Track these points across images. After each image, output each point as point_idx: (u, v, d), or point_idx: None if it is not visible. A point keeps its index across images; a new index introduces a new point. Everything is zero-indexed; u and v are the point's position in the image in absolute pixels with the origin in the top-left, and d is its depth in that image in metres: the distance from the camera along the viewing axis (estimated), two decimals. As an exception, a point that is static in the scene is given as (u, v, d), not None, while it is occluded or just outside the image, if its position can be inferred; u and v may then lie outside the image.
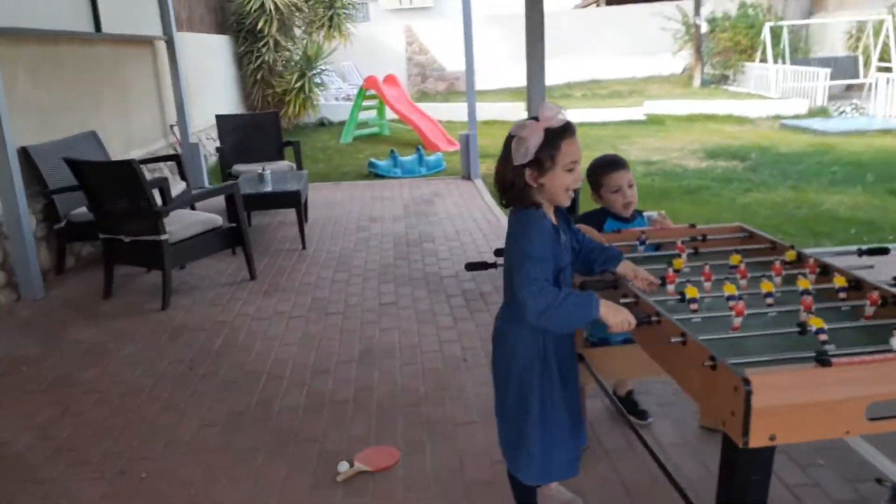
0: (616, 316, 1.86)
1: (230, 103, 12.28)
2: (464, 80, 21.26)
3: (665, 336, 1.79)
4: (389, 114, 12.71)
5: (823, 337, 1.68)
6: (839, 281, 2.05)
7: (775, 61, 16.77)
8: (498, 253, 2.46)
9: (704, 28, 18.56)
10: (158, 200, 5.04)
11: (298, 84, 12.60)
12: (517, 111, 14.88)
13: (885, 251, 2.33)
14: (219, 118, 7.86)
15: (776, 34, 17.19)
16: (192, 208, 5.50)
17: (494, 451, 2.84)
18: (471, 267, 2.49)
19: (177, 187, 6.25)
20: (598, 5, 21.58)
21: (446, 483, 2.69)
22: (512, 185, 1.97)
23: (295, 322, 4.38)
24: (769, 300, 2.01)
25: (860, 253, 2.36)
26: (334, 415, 3.23)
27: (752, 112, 14.25)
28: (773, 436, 1.46)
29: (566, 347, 2.15)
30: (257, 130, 7.74)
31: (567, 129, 1.94)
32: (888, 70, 14.65)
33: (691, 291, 2.01)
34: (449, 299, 4.64)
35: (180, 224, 4.86)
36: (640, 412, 3.05)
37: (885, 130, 11.19)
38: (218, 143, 7.87)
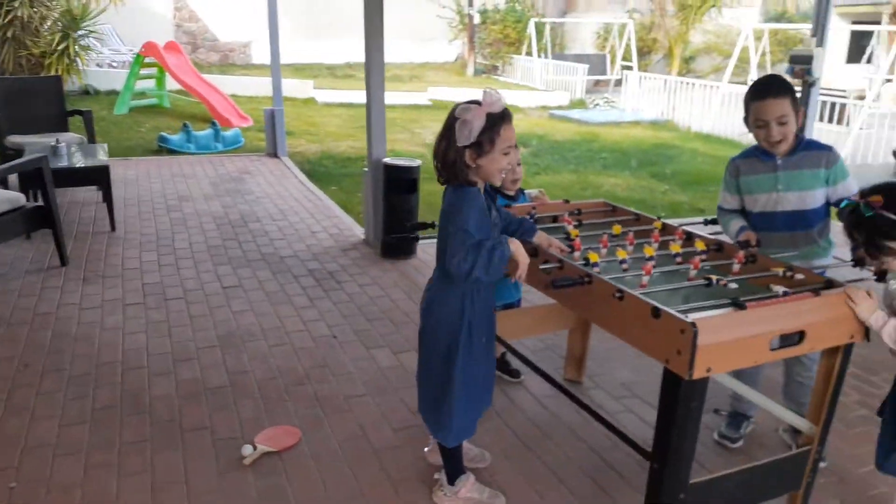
0: (517, 253, 2.12)
1: (-30, 64, 10.50)
2: (240, 52, 20.40)
3: (599, 294, 2.07)
4: (171, 84, 11.81)
5: (727, 283, 2.07)
6: (700, 245, 2.49)
7: (539, 55, 18.43)
8: (414, 227, 2.59)
9: (477, 19, 19.74)
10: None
11: (61, 46, 11.15)
12: (305, 88, 14.68)
13: (723, 220, 2.86)
14: (-19, 81, 6.77)
15: (539, 30, 18.87)
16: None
17: (393, 418, 3.00)
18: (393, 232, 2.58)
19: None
20: (375, -12, 21.80)
21: (354, 453, 2.77)
22: (453, 164, 2.10)
23: (133, 310, 4.05)
24: (651, 262, 2.39)
25: (706, 222, 2.88)
26: (216, 401, 3.11)
27: (523, 102, 15.54)
28: (710, 368, 1.80)
29: (489, 315, 2.34)
30: (33, 97, 6.78)
31: (506, 115, 2.11)
32: (630, 69, 16.89)
33: (593, 256, 2.32)
34: (298, 279, 4.60)
35: (-27, 203, 4.21)
36: (512, 371, 3.37)
37: (635, 122, 12.95)
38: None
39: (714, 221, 2.85)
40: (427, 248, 5.27)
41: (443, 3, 20.61)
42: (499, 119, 2.09)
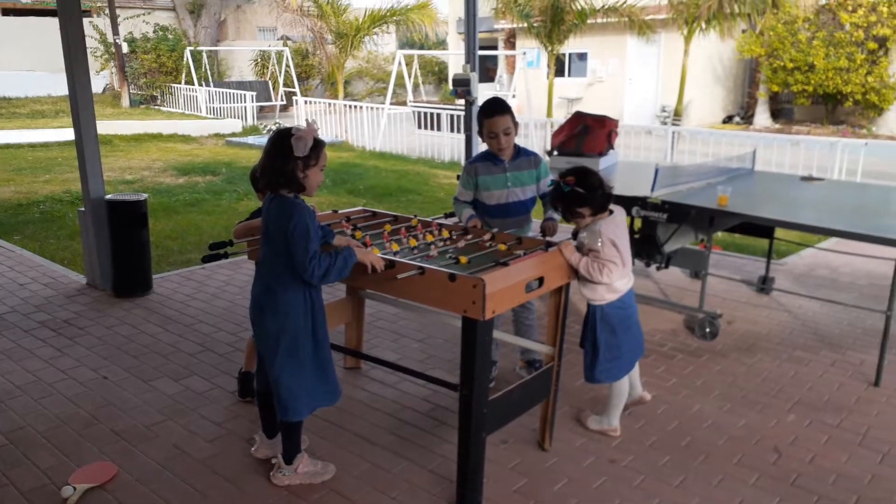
0: (367, 257, 2.63)
1: None
2: None
3: (403, 272, 2.63)
4: None
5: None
6: (445, 233, 3.22)
7: (200, 84, 18.19)
8: (215, 246, 2.86)
9: (125, 49, 18.69)
10: None
11: None
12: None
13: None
14: None
15: (197, 58, 18.61)
16: None
17: (203, 433, 3.22)
18: (208, 259, 2.80)
19: None
20: (-9, 14, 19.28)
21: (181, 468, 2.91)
22: (291, 174, 2.48)
23: None
24: (434, 247, 3.03)
25: (446, 216, 3.63)
26: (5, 460, 2.93)
27: (194, 131, 15.31)
28: (494, 310, 2.49)
29: (322, 302, 2.74)
30: None
31: (322, 141, 2.57)
32: (294, 94, 17.66)
33: (376, 251, 2.90)
34: (31, 333, 4.29)
35: None
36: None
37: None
38: None
39: (451, 215, 3.61)
40: (162, 283, 5.26)
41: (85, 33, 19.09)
42: (321, 142, 2.55)
